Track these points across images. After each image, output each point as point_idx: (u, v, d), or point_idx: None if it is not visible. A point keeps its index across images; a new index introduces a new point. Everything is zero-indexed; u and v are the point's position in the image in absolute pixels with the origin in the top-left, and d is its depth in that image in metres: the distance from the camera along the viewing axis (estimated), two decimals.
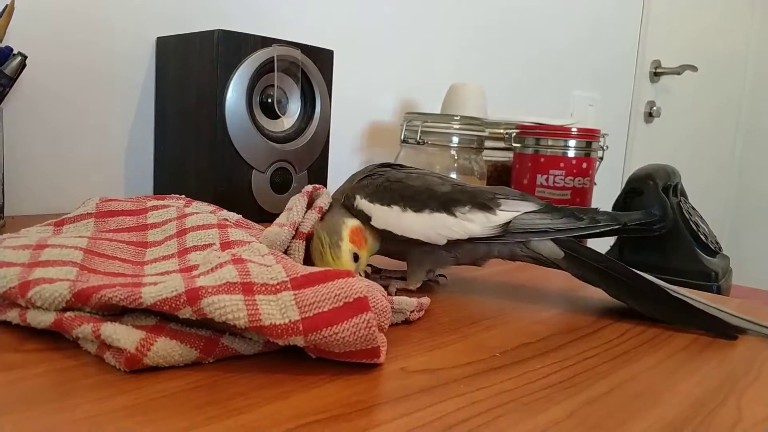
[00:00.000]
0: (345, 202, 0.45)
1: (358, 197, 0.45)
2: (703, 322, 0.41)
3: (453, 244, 0.44)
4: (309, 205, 0.46)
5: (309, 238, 0.43)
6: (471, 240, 0.44)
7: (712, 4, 2.11)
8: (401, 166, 0.49)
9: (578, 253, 0.44)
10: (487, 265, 0.48)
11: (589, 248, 0.45)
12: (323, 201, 0.46)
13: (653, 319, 0.42)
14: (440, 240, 0.44)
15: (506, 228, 0.44)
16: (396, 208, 0.44)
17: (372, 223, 0.44)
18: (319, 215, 0.45)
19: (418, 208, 0.44)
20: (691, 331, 0.41)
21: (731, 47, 2.29)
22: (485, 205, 0.44)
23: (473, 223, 0.44)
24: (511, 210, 0.44)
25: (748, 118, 2.44)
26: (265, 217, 0.69)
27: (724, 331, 0.40)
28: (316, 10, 0.95)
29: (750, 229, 2.39)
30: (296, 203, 0.44)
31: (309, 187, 0.47)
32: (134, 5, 0.74)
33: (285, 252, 0.42)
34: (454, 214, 0.44)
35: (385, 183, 0.45)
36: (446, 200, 0.44)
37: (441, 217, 0.44)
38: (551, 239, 0.44)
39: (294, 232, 0.43)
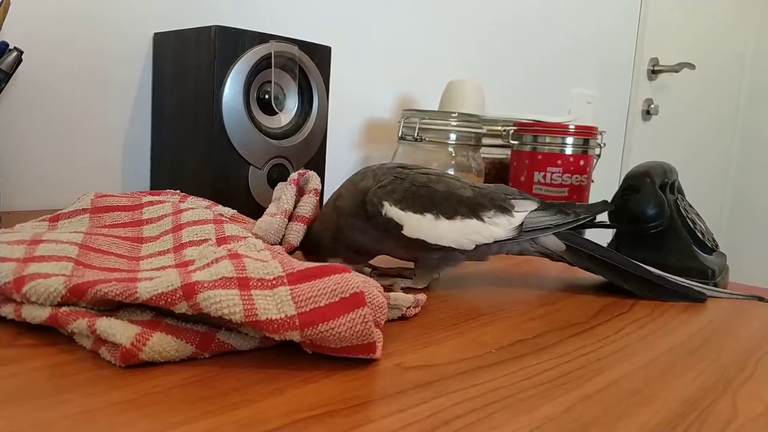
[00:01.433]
0: (370, 209, 0.43)
1: (386, 204, 0.42)
2: (678, 293, 0.49)
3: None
4: (301, 193, 0.46)
5: (310, 223, 0.44)
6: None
7: (710, 1, 2.11)
8: (414, 166, 0.47)
9: (578, 244, 0.48)
10: (484, 262, 0.49)
11: (587, 239, 0.49)
12: (315, 183, 0.46)
13: (642, 297, 0.49)
14: (470, 245, 0.44)
15: (521, 228, 0.45)
16: (429, 216, 0.43)
17: (404, 232, 0.42)
18: (317, 198, 0.45)
19: (450, 215, 0.44)
20: (689, 326, 0.41)
21: (729, 45, 2.30)
22: (504, 207, 0.45)
23: (498, 227, 0.45)
24: (522, 210, 0.46)
25: (745, 116, 2.44)
26: (261, 213, 0.69)
27: (695, 296, 0.49)
28: (313, 6, 0.95)
29: (747, 226, 2.39)
30: (284, 192, 0.44)
31: (294, 175, 0.47)
32: (131, 1, 0.74)
33: (281, 238, 0.42)
34: (482, 219, 0.44)
35: (411, 188, 0.44)
36: (473, 205, 0.45)
37: (472, 223, 0.44)
38: (553, 233, 0.47)
39: (287, 221, 0.43)
